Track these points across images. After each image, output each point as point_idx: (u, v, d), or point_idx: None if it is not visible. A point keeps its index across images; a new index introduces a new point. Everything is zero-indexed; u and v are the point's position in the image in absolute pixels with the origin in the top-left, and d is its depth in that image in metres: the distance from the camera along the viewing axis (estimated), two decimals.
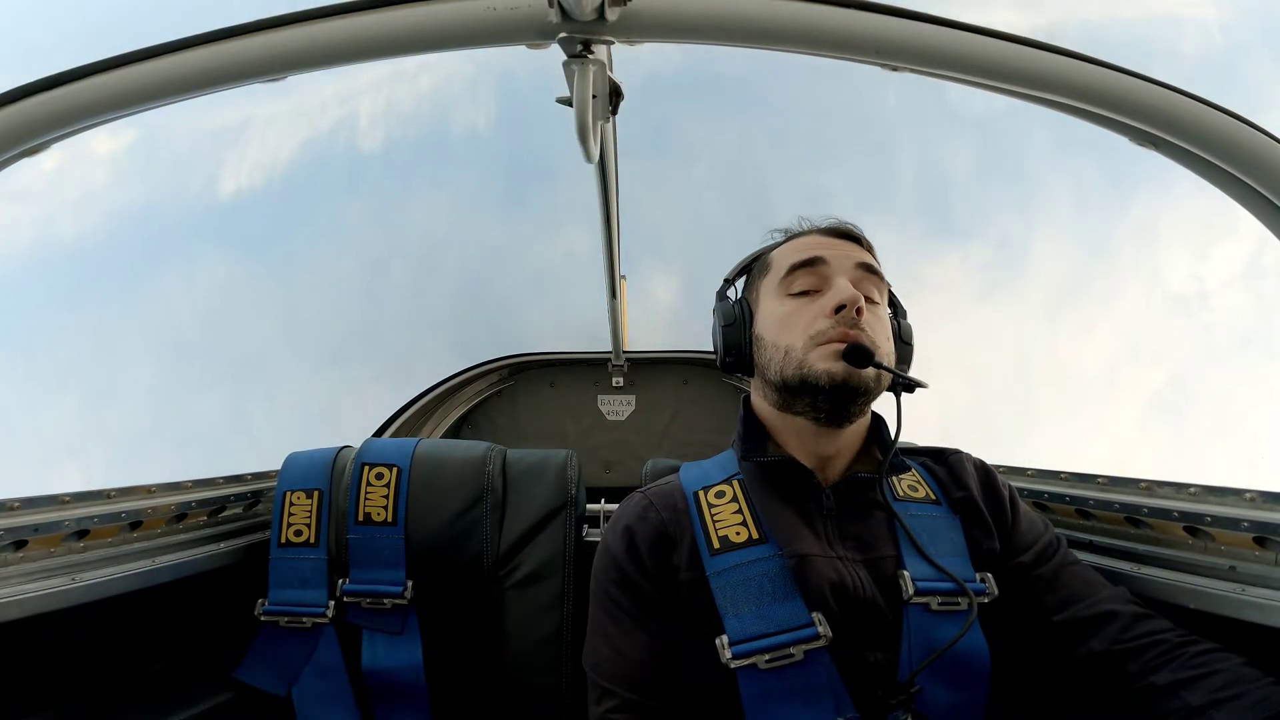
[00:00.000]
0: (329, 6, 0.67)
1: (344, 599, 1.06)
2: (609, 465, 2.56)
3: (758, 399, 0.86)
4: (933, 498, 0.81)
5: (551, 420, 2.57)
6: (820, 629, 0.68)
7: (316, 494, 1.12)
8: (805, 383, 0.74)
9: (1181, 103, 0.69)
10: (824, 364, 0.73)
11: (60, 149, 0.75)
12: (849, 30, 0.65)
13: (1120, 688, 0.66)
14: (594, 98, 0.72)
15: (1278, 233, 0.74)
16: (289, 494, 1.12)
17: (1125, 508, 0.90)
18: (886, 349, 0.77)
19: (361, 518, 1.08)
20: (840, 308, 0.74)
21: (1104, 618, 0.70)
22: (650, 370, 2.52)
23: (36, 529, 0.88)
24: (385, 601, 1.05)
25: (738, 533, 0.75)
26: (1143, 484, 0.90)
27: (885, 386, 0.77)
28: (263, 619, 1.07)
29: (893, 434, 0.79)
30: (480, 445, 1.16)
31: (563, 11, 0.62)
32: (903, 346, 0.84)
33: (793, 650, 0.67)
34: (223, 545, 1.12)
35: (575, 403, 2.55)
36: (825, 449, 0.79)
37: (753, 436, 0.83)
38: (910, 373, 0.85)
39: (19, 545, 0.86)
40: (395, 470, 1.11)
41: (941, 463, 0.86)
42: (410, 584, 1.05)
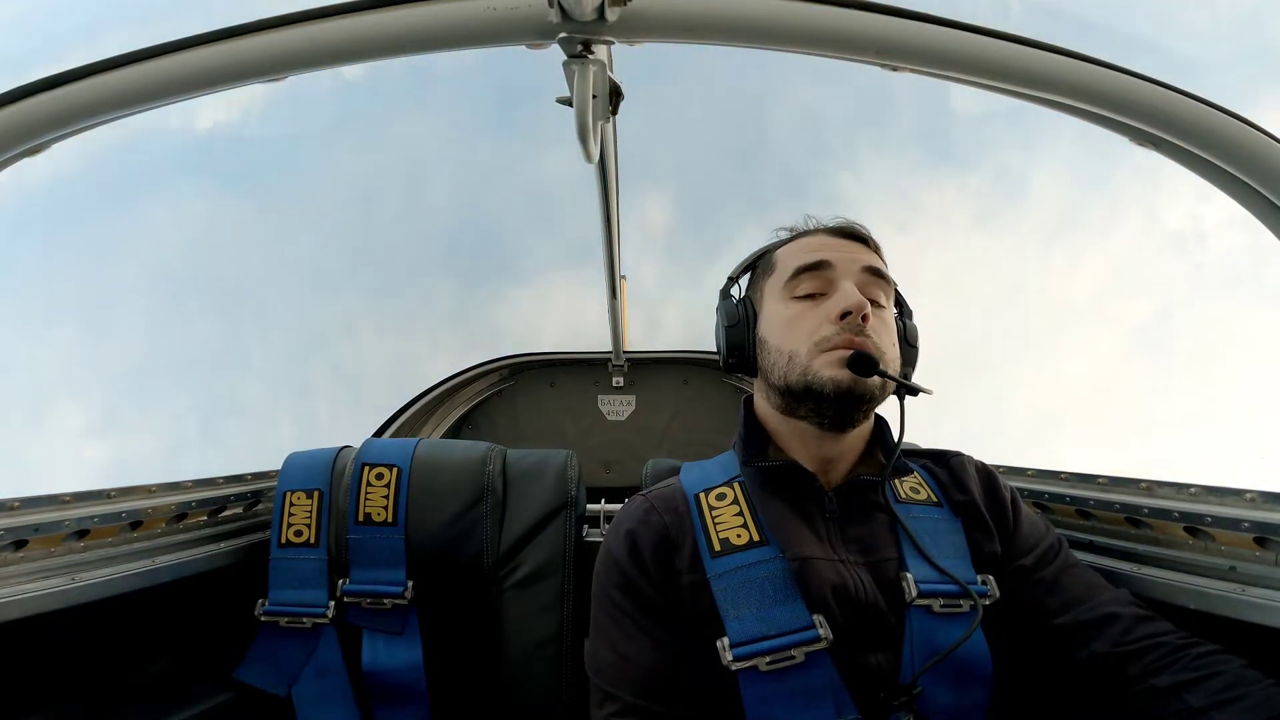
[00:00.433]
0: (329, 6, 0.67)
1: (344, 599, 1.06)
2: (609, 465, 2.56)
3: (760, 401, 0.86)
4: (934, 500, 0.81)
5: (551, 420, 2.57)
6: (821, 631, 0.68)
7: (317, 494, 1.12)
8: (809, 390, 0.73)
9: (1181, 103, 0.69)
10: (828, 371, 0.72)
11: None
12: (849, 30, 0.65)
13: (1121, 690, 0.66)
14: (594, 98, 0.72)
15: (1278, 233, 0.74)
16: (289, 494, 1.12)
17: (1125, 508, 0.90)
18: (891, 355, 0.76)
19: (362, 518, 1.08)
20: (846, 314, 0.73)
21: (1105, 620, 0.70)
22: (650, 370, 2.52)
23: (36, 529, 0.88)
24: (385, 602, 1.05)
25: (739, 535, 0.75)
26: (1143, 484, 0.90)
27: (890, 392, 0.76)
28: (263, 619, 1.07)
29: (896, 437, 0.79)
30: (480, 445, 1.16)
31: (563, 11, 0.62)
32: (908, 349, 0.84)
33: (794, 652, 0.67)
34: (223, 545, 1.12)
35: (575, 403, 2.55)
36: (828, 452, 0.79)
37: (754, 440, 0.83)
38: (915, 370, 0.85)
39: (19, 545, 0.86)
40: (395, 470, 1.11)
41: (943, 465, 0.86)
42: (410, 584, 1.05)
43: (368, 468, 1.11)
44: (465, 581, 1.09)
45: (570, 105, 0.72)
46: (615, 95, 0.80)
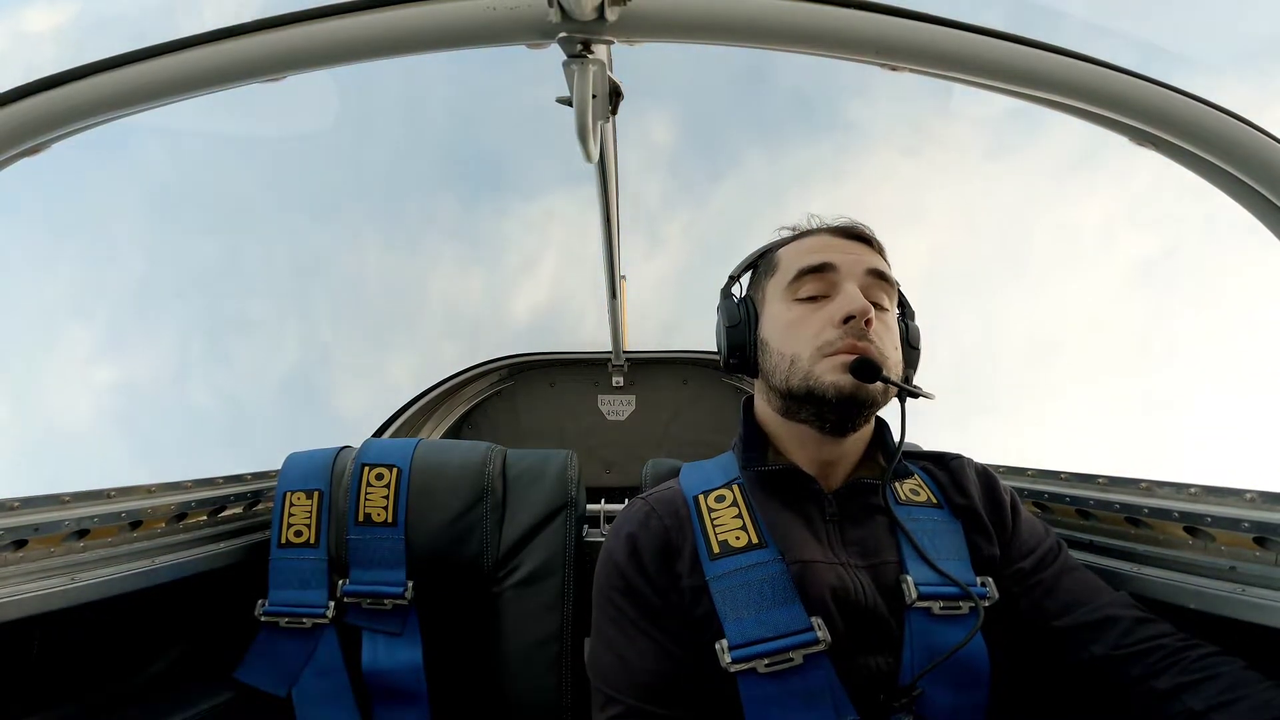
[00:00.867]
0: (329, 6, 0.67)
1: (344, 599, 1.06)
2: (609, 465, 2.56)
3: (760, 403, 0.86)
4: (934, 502, 0.81)
5: (551, 420, 2.57)
6: (820, 634, 0.68)
7: (316, 494, 1.12)
8: (811, 394, 0.73)
9: (1181, 103, 0.69)
10: (831, 376, 0.72)
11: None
12: (849, 30, 0.65)
13: (1121, 692, 0.66)
14: (594, 98, 0.72)
15: (1278, 233, 0.74)
16: (289, 494, 1.12)
17: (1125, 508, 0.90)
18: (894, 359, 0.76)
19: (361, 518, 1.08)
20: (849, 318, 0.73)
21: (1105, 622, 0.70)
22: (650, 370, 2.52)
23: (36, 529, 0.88)
24: (385, 602, 1.05)
25: (737, 537, 0.75)
26: (1143, 484, 0.90)
27: (892, 396, 0.76)
28: (263, 619, 1.07)
29: (897, 439, 0.79)
30: (480, 445, 1.16)
31: (563, 11, 0.62)
32: (910, 351, 0.84)
33: (792, 655, 0.67)
34: (223, 545, 1.12)
35: (575, 403, 2.55)
36: (828, 455, 0.79)
37: (754, 444, 0.83)
38: (916, 372, 0.85)
39: (19, 545, 0.86)
40: (395, 471, 1.11)
41: (943, 468, 0.86)
42: (410, 584, 1.05)
43: (368, 468, 1.11)
44: (465, 582, 1.09)
45: (570, 105, 0.72)
46: (615, 95, 0.80)
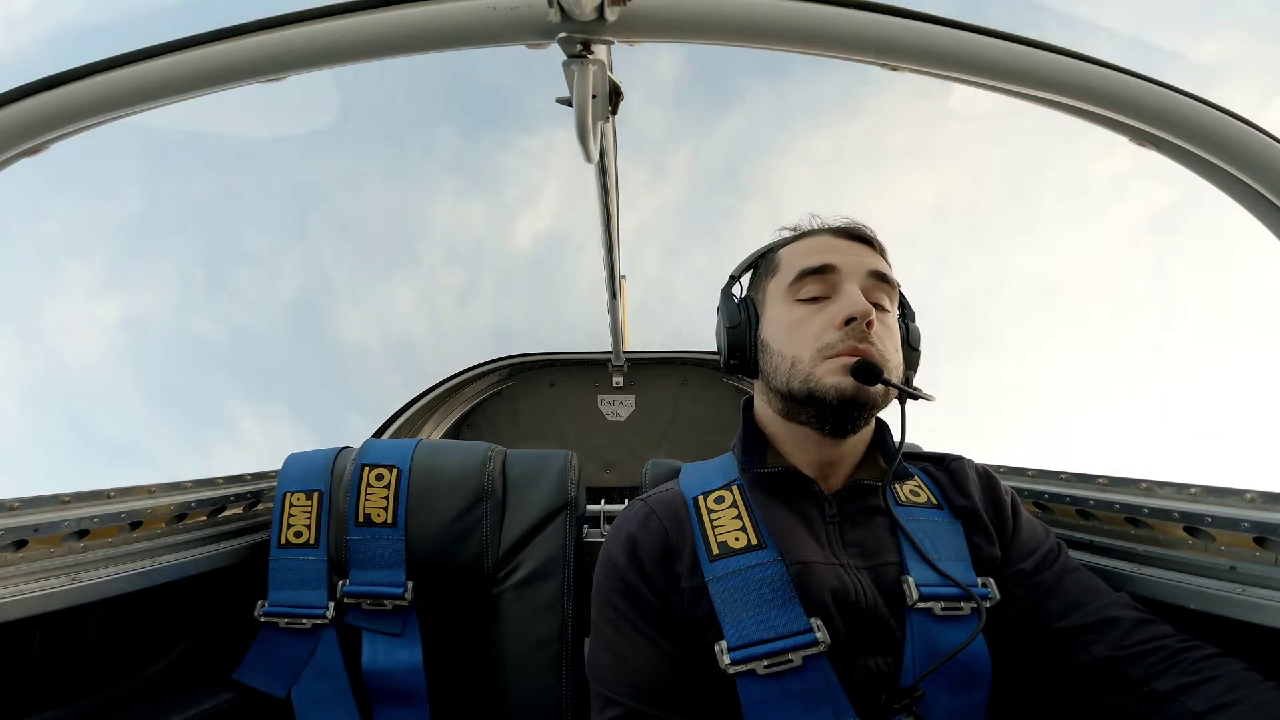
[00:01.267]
0: (329, 6, 0.67)
1: (344, 600, 1.06)
2: (609, 465, 2.56)
3: (760, 404, 0.85)
4: (934, 503, 0.81)
5: (551, 420, 2.57)
6: (819, 635, 0.68)
7: (316, 495, 1.12)
8: (812, 396, 0.73)
9: (1181, 103, 0.69)
10: (832, 379, 0.72)
11: None
12: (849, 30, 0.65)
13: (1122, 693, 0.66)
14: (594, 98, 0.72)
15: (1278, 233, 0.74)
16: (289, 495, 1.12)
17: (1125, 508, 0.90)
18: (895, 361, 0.76)
19: (361, 519, 1.08)
20: (850, 320, 0.73)
21: (1105, 624, 0.70)
22: (650, 370, 2.52)
23: (36, 529, 0.88)
24: (385, 603, 1.05)
25: (736, 538, 0.75)
26: (1143, 484, 0.90)
27: (892, 398, 0.76)
28: (262, 620, 1.07)
29: (897, 441, 0.79)
30: (480, 446, 1.16)
31: (563, 11, 0.62)
32: (910, 352, 0.84)
33: (791, 656, 0.67)
34: (223, 546, 1.12)
35: (575, 403, 2.55)
36: (828, 457, 0.79)
37: (753, 446, 0.83)
38: (917, 373, 0.85)
39: (19, 545, 0.86)
40: (395, 471, 1.11)
41: (943, 469, 0.86)
42: (410, 585, 1.05)
43: (367, 468, 1.11)
44: (465, 582, 1.08)
45: (570, 105, 0.72)
46: (615, 95, 0.80)
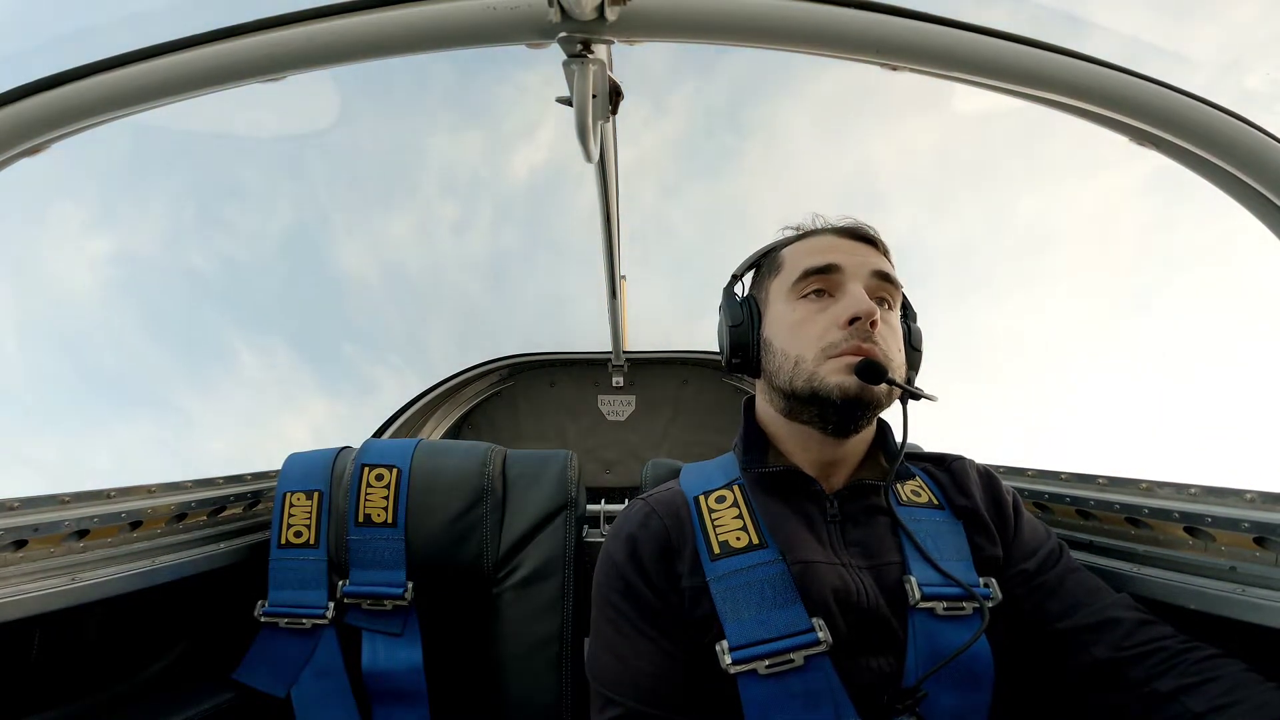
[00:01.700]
0: (329, 6, 0.67)
1: (344, 600, 1.06)
2: (609, 465, 2.56)
3: (762, 403, 0.85)
4: (935, 503, 0.81)
5: (551, 420, 2.57)
6: (821, 634, 0.67)
7: (316, 495, 1.12)
8: (815, 395, 0.73)
9: (1181, 102, 0.69)
10: (835, 378, 0.72)
11: None
12: (849, 30, 0.65)
13: (1122, 694, 0.66)
14: (594, 97, 0.72)
15: (1278, 232, 0.74)
16: (289, 495, 1.12)
17: (1125, 508, 0.90)
18: (898, 361, 0.76)
19: (361, 519, 1.08)
20: (854, 319, 0.72)
21: (1106, 624, 0.70)
22: (650, 370, 2.52)
23: (36, 529, 0.87)
24: (385, 603, 1.05)
25: (738, 538, 0.74)
26: (1143, 484, 0.90)
27: (895, 398, 0.76)
28: (262, 620, 1.07)
29: (899, 441, 0.79)
30: (480, 446, 1.16)
31: (563, 11, 0.62)
32: (912, 353, 0.84)
33: (793, 656, 0.67)
34: (223, 546, 1.12)
35: (575, 403, 2.55)
36: (830, 456, 0.79)
37: (754, 446, 0.83)
38: (919, 374, 0.85)
39: (19, 545, 0.86)
40: (395, 471, 1.11)
41: (944, 469, 0.86)
42: (410, 585, 1.05)
43: (367, 468, 1.11)
44: (465, 582, 1.08)
45: (570, 105, 0.72)
46: (615, 95, 0.80)
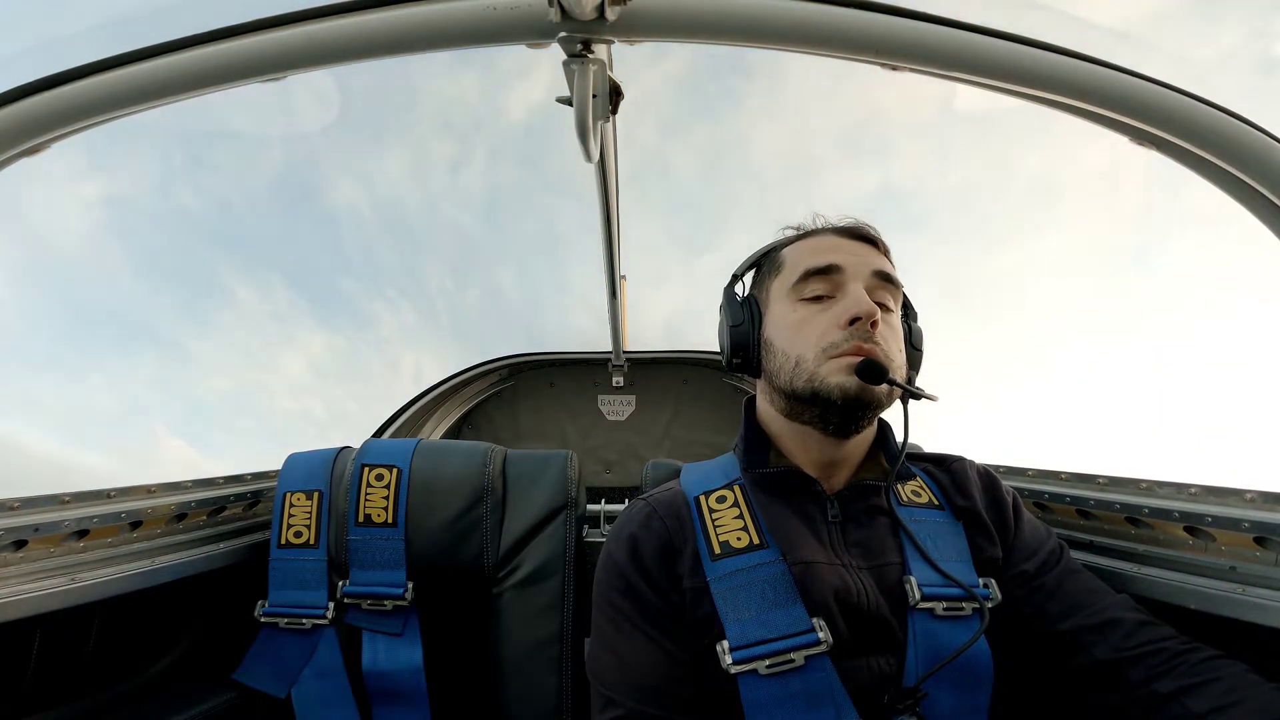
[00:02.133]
0: (329, 6, 0.67)
1: (344, 600, 1.06)
2: (609, 465, 2.56)
3: (763, 403, 0.85)
4: (936, 503, 0.81)
5: (551, 420, 2.57)
6: (821, 635, 0.68)
7: (316, 495, 1.12)
8: (816, 395, 0.73)
9: (1181, 102, 0.69)
10: (836, 378, 0.72)
11: None
12: (849, 30, 0.65)
13: (1123, 695, 0.66)
14: (594, 97, 0.72)
15: (1278, 232, 0.74)
16: (289, 495, 1.12)
17: (1125, 508, 0.90)
18: (899, 361, 0.76)
19: (361, 519, 1.08)
20: (855, 320, 0.73)
21: (1107, 625, 0.70)
22: (650, 370, 2.52)
23: (36, 529, 0.87)
24: (385, 603, 1.05)
25: (739, 538, 0.74)
26: (1143, 484, 0.90)
27: (896, 398, 0.76)
28: (262, 620, 1.07)
29: (899, 441, 0.79)
30: (480, 446, 1.16)
31: (563, 11, 0.62)
32: (913, 352, 0.84)
33: (793, 656, 0.67)
34: (222, 546, 1.12)
35: (575, 403, 2.55)
36: (831, 456, 0.79)
37: (755, 446, 0.83)
38: (919, 374, 0.85)
39: (19, 545, 0.86)
40: (395, 471, 1.11)
41: (945, 469, 0.86)
42: (410, 585, 1.05)
43: (368, 468, 1.11)
44: (465, 582, 1.08)
45: (570, 105, 0.72)
46: (615, 95, 0.80)
